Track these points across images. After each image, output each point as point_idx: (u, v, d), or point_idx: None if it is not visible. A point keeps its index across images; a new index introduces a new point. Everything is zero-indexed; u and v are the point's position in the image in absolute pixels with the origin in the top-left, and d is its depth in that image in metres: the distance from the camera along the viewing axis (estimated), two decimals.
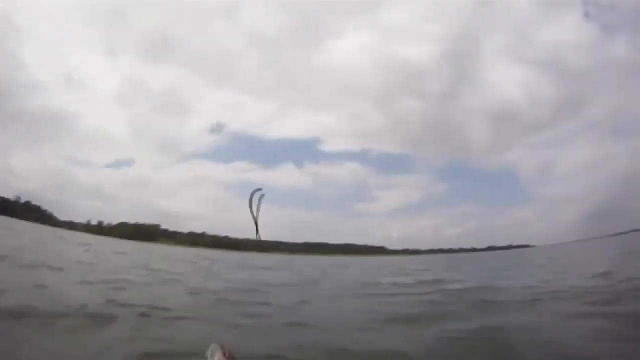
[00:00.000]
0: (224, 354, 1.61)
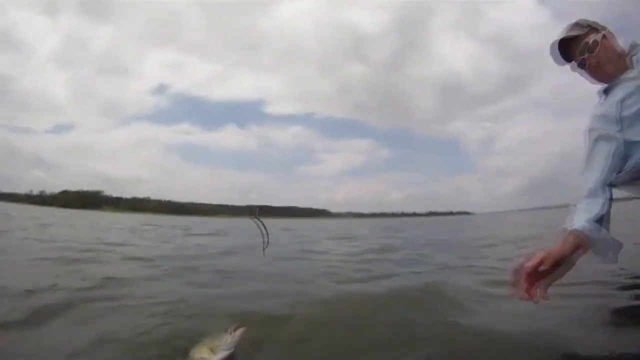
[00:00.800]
0: (234, 329, 1.71)
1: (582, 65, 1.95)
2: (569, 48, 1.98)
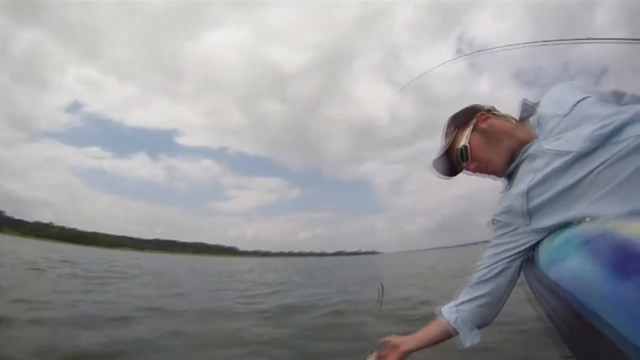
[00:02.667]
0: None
1: (474, 172, 1.61)
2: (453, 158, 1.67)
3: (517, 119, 1.58)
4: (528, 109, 1.55)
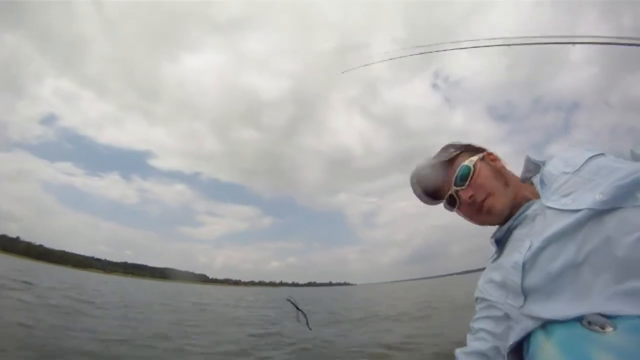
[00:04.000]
0: None
1: (451, 203, 1.31)
2: (438, 185, 1.34)
3: (520, 177, 1.30)
4: (531, 168, 1.28)
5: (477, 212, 1.26)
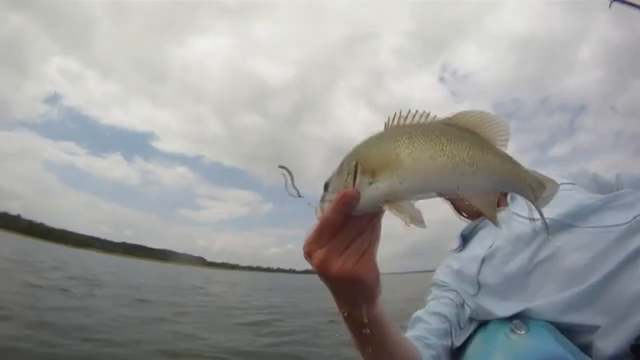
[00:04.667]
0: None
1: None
2: None
3: None
4: None
5: (465, 208, 1.46)
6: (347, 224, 0.58)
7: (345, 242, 0.58)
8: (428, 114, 0.60)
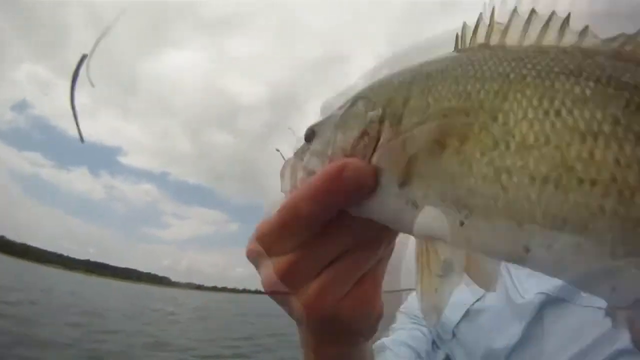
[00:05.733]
0: None
1: None
2: None
3: None
4: None
5: None
6: (337, 227, 0.31)
7: (326, 256, 0.31)
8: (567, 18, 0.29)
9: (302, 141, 0.38)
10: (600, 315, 0.56)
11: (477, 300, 0.93)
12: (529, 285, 0.85)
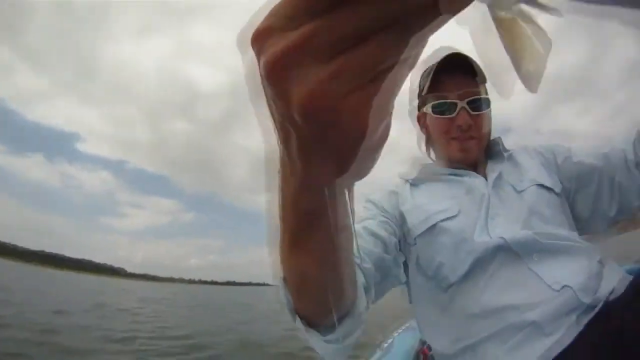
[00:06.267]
0: None
1: (450, 108, 1.04)
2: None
3: None
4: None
5: (456, 139, 1.07)
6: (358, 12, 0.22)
7: (346, 34, 0.22)
8: None
9: None
10: (536, 281, 0.82)
11: (448, 218, 0.97)
12: (497, 226, 0.92)
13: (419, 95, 1.13)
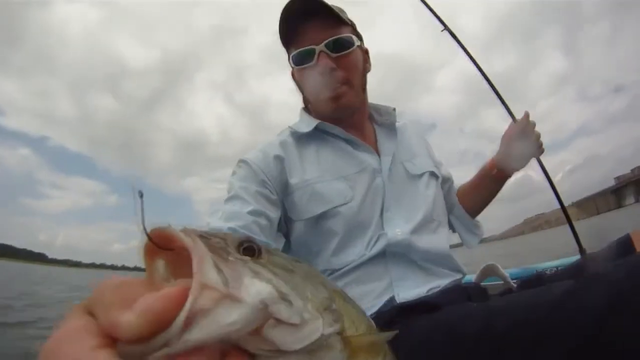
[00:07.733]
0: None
1: (307, 55, 0.99)
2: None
3: None
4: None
5: (326, 87, 0.99)
6: None
7: None
8: None
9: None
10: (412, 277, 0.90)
11: (339, 205, 0.93)
12: (391, 220, 0.94)
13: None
